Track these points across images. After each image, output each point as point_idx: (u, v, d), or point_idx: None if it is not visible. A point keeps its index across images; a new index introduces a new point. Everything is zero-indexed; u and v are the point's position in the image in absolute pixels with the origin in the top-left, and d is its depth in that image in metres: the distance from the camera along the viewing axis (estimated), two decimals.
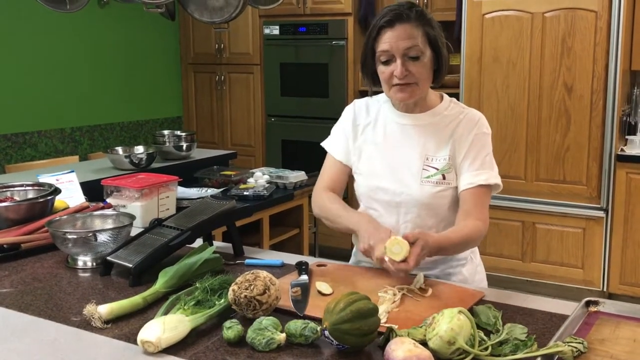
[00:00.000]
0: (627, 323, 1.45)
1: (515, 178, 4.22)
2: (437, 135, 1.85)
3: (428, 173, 1.82)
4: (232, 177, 3.37)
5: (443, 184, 1.82)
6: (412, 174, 1.83)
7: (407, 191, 1.83)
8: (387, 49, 1.75)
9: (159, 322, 1.35)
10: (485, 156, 1.84)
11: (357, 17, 4.93)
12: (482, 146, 1.84)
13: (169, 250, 1.82)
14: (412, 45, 1.74)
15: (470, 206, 1.79)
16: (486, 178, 1.81)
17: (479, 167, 1.81)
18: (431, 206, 1.83)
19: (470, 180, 1.80)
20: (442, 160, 1.83)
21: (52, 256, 1.99)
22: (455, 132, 1.84)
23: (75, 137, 4.91)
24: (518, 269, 4.35)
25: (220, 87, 5.61)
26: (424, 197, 1.82)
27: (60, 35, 4.74)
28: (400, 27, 1.74)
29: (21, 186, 2.36)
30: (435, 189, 1.81)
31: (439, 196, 1.82)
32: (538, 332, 1.40)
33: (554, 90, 4.09)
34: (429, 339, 1.27)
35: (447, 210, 1.85)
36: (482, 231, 1.79)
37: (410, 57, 1.75)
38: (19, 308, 1.59)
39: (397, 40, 1.73)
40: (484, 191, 1.82)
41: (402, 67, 1.74)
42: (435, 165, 1.83)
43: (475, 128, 1.84)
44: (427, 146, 1.85)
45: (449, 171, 1.82)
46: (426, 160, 1.83)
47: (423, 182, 1.82)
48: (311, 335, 1.34)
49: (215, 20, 3.17)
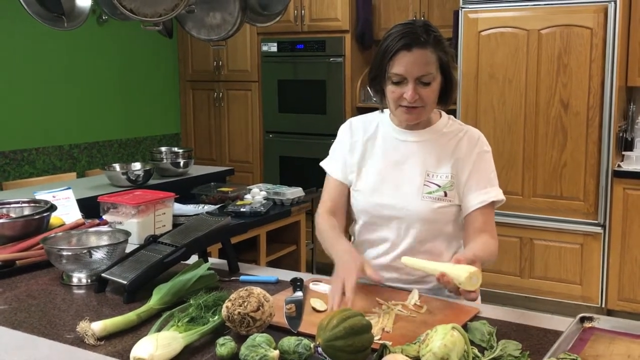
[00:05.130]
0: (622, 339, 1.45)
1: (513, 194, 4.22)
2: (437, 152, 1.86)
3: (429, 189, 1.83)
4: (229, 194, 3.37)
5: (444, 201, 1.82)
6: (413, 189, 1.84)
7: (408, 206, 1.83)
8: (401, 73, 1.74)
9: (152, 339, 1.35)
10: (490, 174, 1.86)
11: (355, 34, 4.96)
12: (487, 164, 1.86)
13: (163, 266, 1.82)
14: (427, 73, 1.74)
15: (482, 224, 1.81)
16: (495, 195, 1.83)
17: (486, 185, 1.83)
18: (432, 222, 1.83)
19: (482, 198, 1.81)
20: (443, 177, 1.84)
21: (47, 273, 1.98)
22: (457, 151, 1.85)
23: (73, 154, 4.92)
24: (516, 285, 4.34)
25: (219, 103, 5.63)
26: (425, 212, 1.82)
27: (59, 53, 4.76)
28: (417, 52, 1.73)
29: (17, 203, 2.36)
30: (436, 205, 1.82)
31: (439, 212, 1.83)
32: (532, 349, 1.40)
33: (551, 107, 4.11)
34: (422, 355, 1.27)
35: (448, 227, 1.86)
36: (497, 250, 1.82)
37: (422, 82, 1.75)
38: (12, 325, 1.58)
39: (413, 66, 1.73)
40: (492, 209, 1.85)
41: (413, 91, 1.74)
42: (436, 182, 1.83)
43: (477, 147, 1.86)
44: (428, 162, 1.85)
45: (450, 189, 1.83)
46: (427, 177, 1.84)
47: (424, 197, 1.82)
48: (304, 352, 1.33)
49: (212, 37, 3.19)
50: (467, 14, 4.28)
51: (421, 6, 4.81)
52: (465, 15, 4.28)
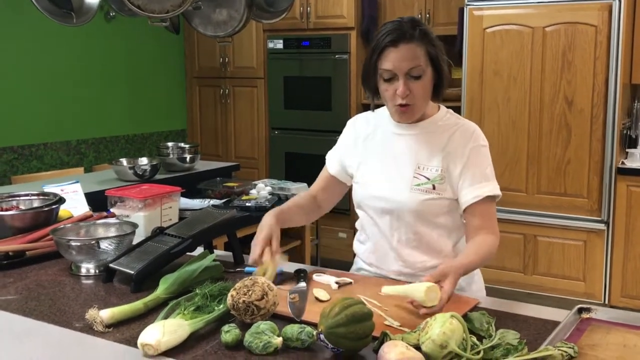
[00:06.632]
0: (619, 329, 1.47)
1: (517, 191, 4.24)
2: (430, 144, 1.88)
3: (418, 181, 1.85)
4: (234, 189, 3.41)
5: (432, 193, 1.84)
6: (403, 181, 1.87)
7: (398, 198, 1.86)
8: (390, 69, 1.77)
9: (159, 326, 1.38)
10: (486, 168, 1.86)
11: (360, 31, 4.99)
12: (482, 159, 1.86)
13: (170, 257, 1.85)
14: (415, 66, 1.77)
15: (480, 220, 1.82)
16: (490, 189, 1.83)
17: (481, 180, 1.84)
18: (421, 214, 1.86)
19: (476, 193, 1.82)
20: (433, 170, 1.85)
21: (56, 263, 2.02)
22: (449, 144, 1.86)
23: (80, 149, 4.97)
24: (519, 282, 4.36)
25: (225, 100, 5.67)
26: (413, 204, 1.84)
27: (67, 49, 4.81)
28: (404, 48, 1.76)
29: (26, 195, 2.40)
30: (424, 197, 1.84)
31: (428, 204, 1.84)
32: (530, 338, 1.43)
33: (555, 104, 4.13)
34: (422, 342, 1.30)
35: (441, 219, 1.88)
36: (497, 245, 1.82)
37: (412, 76, 1.78)
38: (23, 313, 1.62)
39: (400, 61, 1.76)
40: (490, 203, 1.85)
41: (404, 86, 1.78)
42: (426, 174, 1.86)
43: (471, 141, 1.86)
44: (420, 154, 1.88)
45: (440, 182, 1.84)
46: (417, 169, 1.87)
47: (413, 189, 1.85)
48: (307, 339, 1.37)
49: (219, 34, 3.23)
50: (472, 11, 4.30)
51: (427, 3, 4.84)
52: (471, 13, 4.30)
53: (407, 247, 1.89)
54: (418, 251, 1.89)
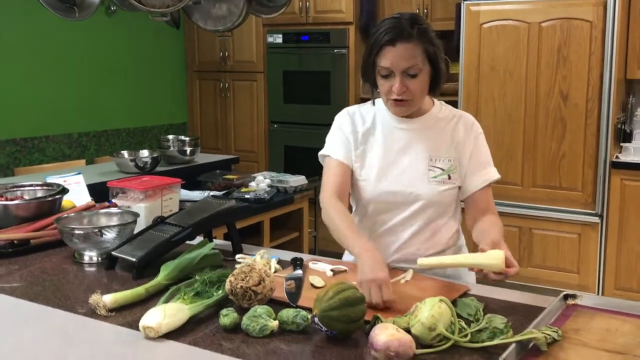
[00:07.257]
0: (603, 315, 1.53)
1: (512, 184, 4.30)
2: (437, 137, 1.94)
3: (434, 173, 1.92)
4: (234, 181, 3.46)
5: (448, 183, 1.92)
6: (418, 175, 1.92)
7: (417, 192, 1.91)
8: (387, 66, 1.81)
9: (159, 310, 1.44)
10: (488, 155, 1.98)
11: (359, 26, 5.04)
12: (484, 146, 1.98)
13: (170, 245, 1.91)
14: (412, 65, 1.80)
15: (485, 204, 1.94)
16: (494, 173, 1.96)
17: (486, 166, 1.95)
18: (438, 204, 1.93)
19: (484, 178, 1.94)
20: (446, 161, 1.92)
21: (59, 252, 2.08)
22: (455, 135, 1.94)
23: (82, 142, 5.02)
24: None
25: (225, 94, 5.72)
26: (433, 195, 1.91)
27: (69, 43, 4.85)
28: (401, 46, 1.79)
29: (30, 186, 2.45)
30: (442, 187, 1.91)
31: (444, 194, 1.92)
32: (517, 323, 1.48)
33: (550, 99, 4.18)
34: (411, 325, 1.36)
35: (451, 208, 1.97)
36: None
37: (409, 74, 1.82)
38: (29, 298, 1.68)
39: (398, 59, 1.79)
40: (490, 187, 1.97)
41: (400, 84, 1.82)
42: (440, 166, 1.92)
43: (473, 131, 1.96)
44: (430, 147, 1.93)
45: (454, 172, 1.93)
46: (430, 161, 1.92)
47: (430, 181, 1.91)
48: (302, 323, 1.43)
49: (218, 28, 3.27)
50: (469, 7, 4.35)
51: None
52: (468, 8, 4.35)
53: (416, 238, 1.94)
54: (424, 242, 1.94)
